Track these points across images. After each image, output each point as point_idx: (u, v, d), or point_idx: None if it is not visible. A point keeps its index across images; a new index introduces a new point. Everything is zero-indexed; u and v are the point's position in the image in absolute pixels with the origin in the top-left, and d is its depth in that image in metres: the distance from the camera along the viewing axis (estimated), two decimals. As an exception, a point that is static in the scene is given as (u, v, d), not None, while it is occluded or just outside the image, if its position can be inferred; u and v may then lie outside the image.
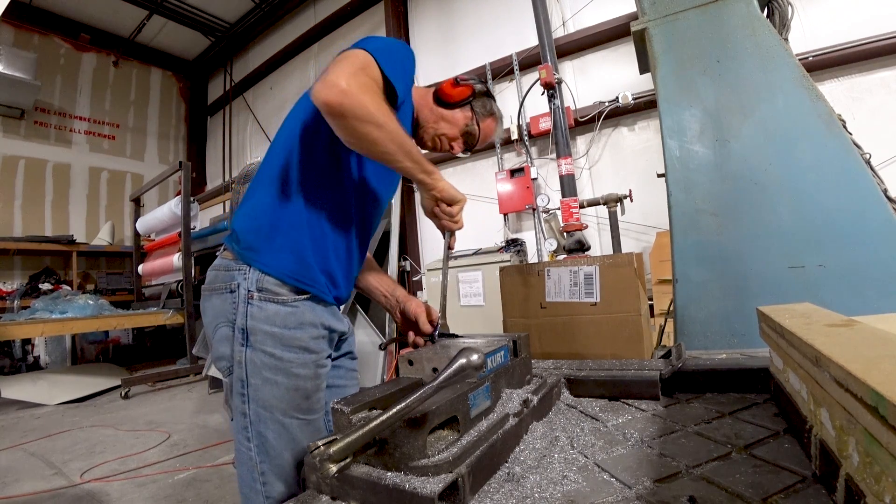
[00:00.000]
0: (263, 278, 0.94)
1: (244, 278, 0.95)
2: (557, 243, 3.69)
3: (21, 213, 6.55)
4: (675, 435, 0.68)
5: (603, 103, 4.00)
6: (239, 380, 0.94)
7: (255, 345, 0.92)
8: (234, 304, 0.94)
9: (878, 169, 1.75)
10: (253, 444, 0.93)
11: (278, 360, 0.92)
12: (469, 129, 1.20)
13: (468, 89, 1.18)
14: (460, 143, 1.21)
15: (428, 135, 1.20)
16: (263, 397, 0.92)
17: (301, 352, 0.94)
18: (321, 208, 0.99)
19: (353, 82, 0.82)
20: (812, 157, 1.41)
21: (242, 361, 0.93)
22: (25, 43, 6.57)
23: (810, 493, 0.49)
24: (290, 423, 0.93)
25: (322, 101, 0.81)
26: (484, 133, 1.23)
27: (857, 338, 0.50)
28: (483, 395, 0.69)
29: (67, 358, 5.85)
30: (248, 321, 0.92)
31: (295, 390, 0.93)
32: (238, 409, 0.94)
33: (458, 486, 0.52)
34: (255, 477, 0.94)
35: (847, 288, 1.32)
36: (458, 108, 1.18)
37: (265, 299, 0.93)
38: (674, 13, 1.69)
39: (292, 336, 0.93)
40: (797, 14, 2.21)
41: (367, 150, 0.89)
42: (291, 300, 0.94)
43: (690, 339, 1.47)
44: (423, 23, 5.54)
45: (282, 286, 0.94)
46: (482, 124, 1.21)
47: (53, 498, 2.27)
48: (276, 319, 0.93)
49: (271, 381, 0.92)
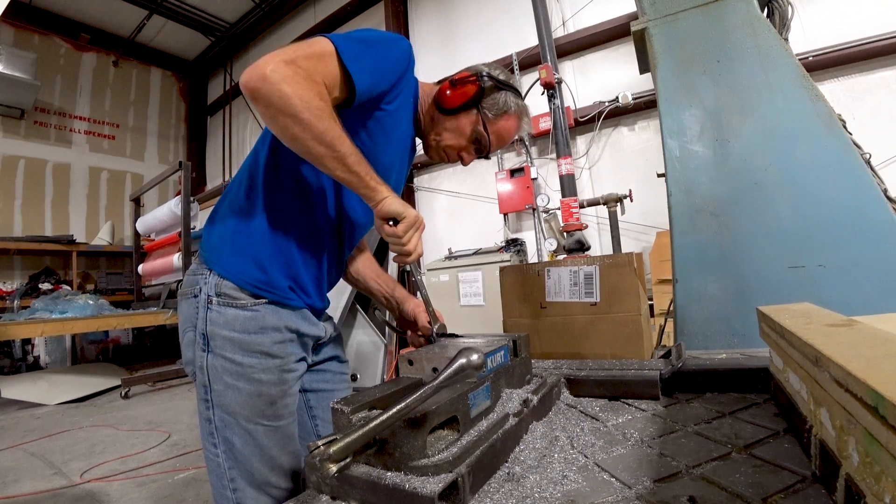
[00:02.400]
0: (222, 283, 0.91)
1: (205, 283, 0.92)
2: (557, 243, 3.69)
3: (21, 213, 6.55)
4: (675, 435, 0.68)
5: (603, 103, 4.00)
6: (202, 385, 0.91)
7: (215, 350, 0.90)
8: (197, 308, 0.92)
9: (878, 169, 1.75)
10: (220, 450, 0.91)
11: (238, 365, 0.89)
12: (477, 135, 1.03)
13: (471, 88, 1.01)
14: (470, 152, 1.07)
15: (431, 147, 1.08)
16: (226, 403, 0.89)
17: (263, 357, 0.90)
18: (287, 217, 0.94)
19: (282, 70, 0.74)
20: (812, 156, 1.41)
21: (204, 367, 0.90)
22: (25, 43, 6.57)
23: (810, 493, 0.49)
24: (256, 429, 0.90)
25: (242, 83, 0.75)
26: (498, 135, 1.05)
27: (857, 338, 0.50)
28: (483, 394, 0.69)
29: (67, 358, 5.85)
30: (208, 326, 0.90)
31: (258, 396, 0.89)
32: (203, 414, 0.92)
33: (458, 485, 0.51)
34: (224, 484, 0.91)
35: (847, 288, 1.31)
36: (462, 112, 1.02)
37: (224, 304, 0.90)
38: (674, 13, 1.68)
39: (252, 341, 0.89)
40: (797, 14, 2.21)
41: (294, 149, 0.81)
42: (251, 304, 0.90)
43: (690, 339, 1.47)
44: (423, 23, 5.54)
45: (239, 291, 0.91)
46: (494, 126, 1.04)
47: (53, 498, 2.27)
48: (234, 324, 0.89)
49: (233, 386, 0.89)
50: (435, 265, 3.98)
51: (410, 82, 0.99)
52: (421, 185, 5.48)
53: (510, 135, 1.07)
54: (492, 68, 1.05)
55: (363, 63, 0.84)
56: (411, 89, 1.01)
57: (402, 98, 0.96)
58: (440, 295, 3.83)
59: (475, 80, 1.01)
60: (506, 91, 1.04)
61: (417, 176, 5.51)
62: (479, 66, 1.06)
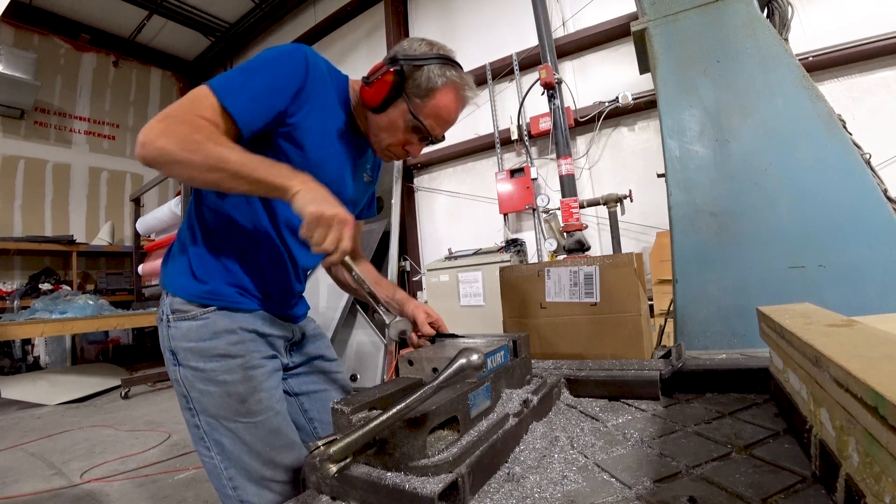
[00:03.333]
0: (173, 300, 0.97)
1: (164, 304, 0.99)
2: (557, 243, 3.69)
3: (21, 213, 6.55)
4: (675, 435, 0.68)
5: (603, 103, 4.00)
6: (182, 396, 0.97)
7: (182, 362, 0.95)
8: (163, 329, 0.98)
9: (878, 169, 1.75)
10: (213, 451, 0.95)
11: (202, 371, 0.94)
12: (412, 124, 0.95)
13: (387, 79, 0.92)
14: (413, 142, 1.00)
15: (376, 150, 1.05)
16: (206, 407, 0.94)
17: (222, 359, 0.94)
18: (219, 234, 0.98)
19: (156, 127, 0.77)
20: (812, 157, 1.41)
21: (179, 380, 0.96)
22: (25, 43, 6.57)
23: (810, 493, 0.49)
24: (238, 427, 0.94)
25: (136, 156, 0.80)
26: (436, 117, 0.95)
27: (857, 338, 0.50)
28: (483, 395, 0.69)
29: (67, 358, 5.85)
30: (172, 342, 0.96)
31: (228, 396, 0.93)
32: (190, 422, 0.97)
33: (458, 486, 0.51)
34: (224, 483, 0.95)
35: (847, 288, 1.31)
36: (390, 106, 0.95)
37: (178, 318, 0.95)
38: (674, 13, 1.68)
39: (209, 346, 0.94)
40: (797, 14, 2.21)
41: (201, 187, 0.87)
42: (200, 314, 0.95)
43: (690, 339, 1.47)
44: (423, 23, 5.54)
45: (188, 304, 0.96)
46: (426, 110, 0.94)
47: (53, 498, 2.27)
48: (190, 335, 0.94)
49: (206, 391, 0.94)
50: (435, 265, 3.98)
51: (320, 88, 0.94)
52: (421, 185, 5.48)
53: (450, 111, 0.97)
54: (410, 44, 0.97)
55: (242, 94, 0.85)
56: (326, 94, 0.97)
57: (308, 107, 0.93)
58: (440, 295, 3.83)
59: (389, 69, 0.93)
60: (428, 66, 0.92)
61: (417, 176, 5.51)
62: (395, 48, 0.98)
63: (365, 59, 5.89)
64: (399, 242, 4.73)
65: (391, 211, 4.75)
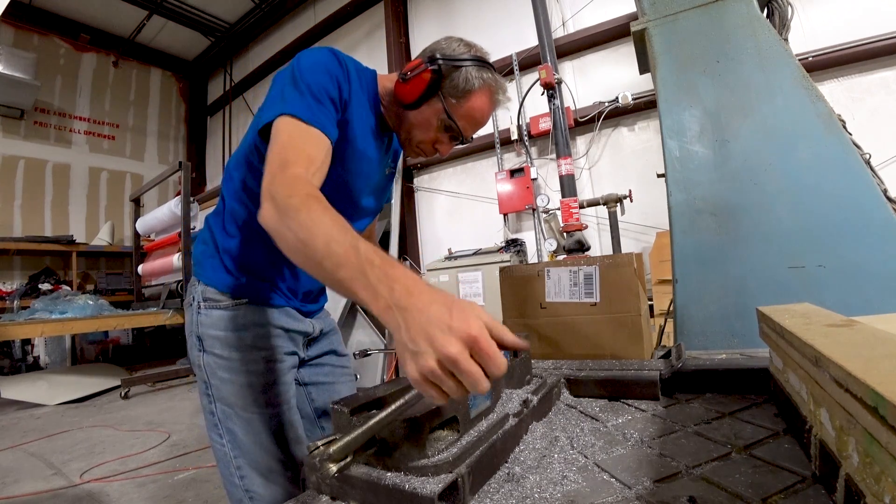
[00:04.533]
0: (206, 289, 1.00)
1: (195, 291, 1.01)
2: (557, 243, 3.69)
3: (21, 214, 6.55)
4: (675, 435, 0.68)
5: (603, 103, 4.01)
6: (202, 381, 0.99)
7: (207, 349, 0.98)
8: (191, 314, 1.01)
9: (878, 169, 1.74)
10: (225, 440, 0.97)
11: (227, 360, 0.97)
12: (445, 123, 0.96)
13: (425, 77, 0.92)
14: (444, 141, 1.00)
15: (404, 145, 1.04)
16: (224, 395, 0.97)
17: (247, 350, 0.97)
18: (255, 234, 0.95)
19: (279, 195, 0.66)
20: (812, 157, 1.41)
21: (201, 365, 0.99)
22: (25, 43, 6.57)
23: (810, 494, 0.49)
24: (252, 417, 0.96)
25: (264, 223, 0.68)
26: (469, 118, 0.96)
27: (857, 338, 0.50)
28: (483, 395, 0.69)
29: (67, 358, 5.85)
30: (200, 328, 0.99)
31: (249, 386, 0.96)
32: (206, 408, 1.00)
33: (458, 486, 0.51)
34: (231, 472, 0.97)
35: (847, 288, 1.31)
36: (424, 104, 0.94)
37: (210, 307, 0.99)
38: (674, 13, 1.68)
39: (236, 337, 0.97)
40: (797, 14, 2.21)
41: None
42: (232, 305, 0.99)
43: (690, 339, 1.47)
44: (423, 23, 5.54)
45: (221, 294, 0.99)
46: (461, 110, 0.95)
47: (53, 498, 2.27)
48: (220, 324, 0.98)
49: (227, 380, 0.96)
50: (435, 265, 3.98)
51: (356, 87, 0.94)
52: (421, 185, 5.48)
53: (483, 114, 0.98)
54: (448, 44, 0.96)
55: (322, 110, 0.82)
56: (360, 91, 0.96)
57: (350, 105, 0.92)
58: (440, 295, 3.82)
59: (427, 67, 0.92)
60: (466, 67, 0.93)
61: (417, 176, 5.51)
62: (432, 46, 0.97)
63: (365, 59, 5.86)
64: (399, 242, 4.73)
65: (391, 211, 4.75)
